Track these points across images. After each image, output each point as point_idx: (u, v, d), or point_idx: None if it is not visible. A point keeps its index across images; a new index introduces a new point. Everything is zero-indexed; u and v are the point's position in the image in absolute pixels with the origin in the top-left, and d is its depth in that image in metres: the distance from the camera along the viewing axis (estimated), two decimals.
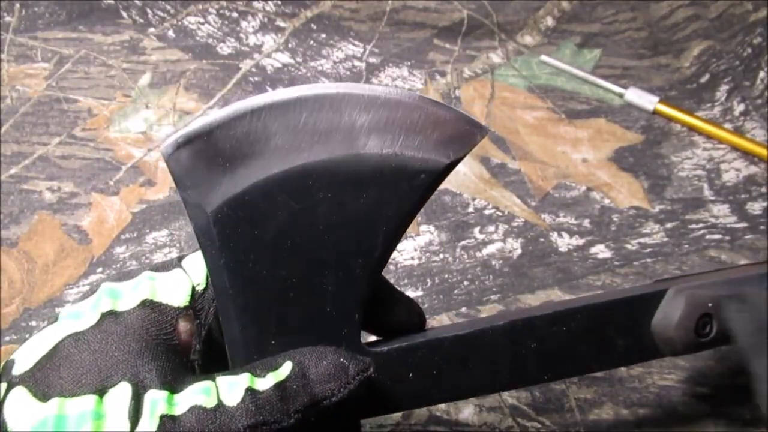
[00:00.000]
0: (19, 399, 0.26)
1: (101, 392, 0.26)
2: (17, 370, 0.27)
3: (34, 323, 0.50)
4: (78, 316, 0.28)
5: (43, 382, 0.26)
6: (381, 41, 0.69)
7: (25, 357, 0.28)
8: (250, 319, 0.30)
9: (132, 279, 0.30)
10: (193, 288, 0.30)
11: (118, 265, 0.53)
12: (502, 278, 0.54)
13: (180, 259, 0.31)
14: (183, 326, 0.29)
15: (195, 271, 0.30)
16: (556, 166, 0.61)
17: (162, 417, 0.26)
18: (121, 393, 0.26)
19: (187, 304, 0.30)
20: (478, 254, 0.55)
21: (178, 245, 0.55)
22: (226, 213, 0.29)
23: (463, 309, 0.52)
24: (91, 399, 0.26)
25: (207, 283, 0.30)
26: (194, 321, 0.30)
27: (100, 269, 0.53)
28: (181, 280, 0.30)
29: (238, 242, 0.29)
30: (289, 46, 0.69)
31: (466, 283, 0.53)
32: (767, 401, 0.32)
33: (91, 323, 0.28)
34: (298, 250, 0.29)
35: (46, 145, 0.60)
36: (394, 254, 0.54)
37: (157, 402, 0.26)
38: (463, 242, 0.56)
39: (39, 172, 0.59)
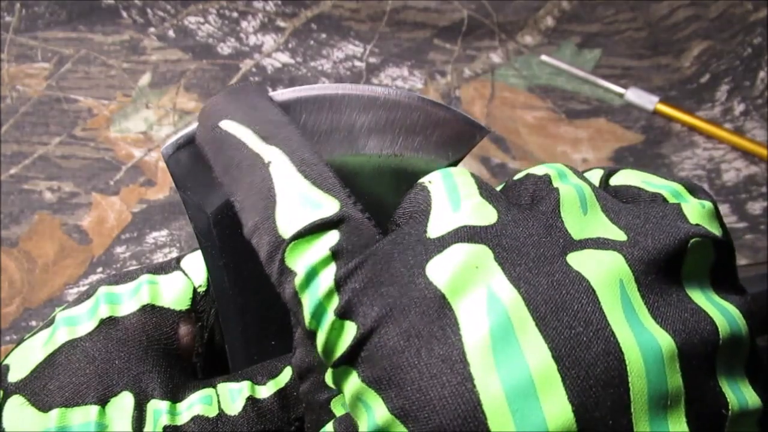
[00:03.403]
0: (18, 409, 0.25)
1: (103, 402, 0.25)
2: (13, 378, 0.26)
3: (34, 323, 0.50)
4: (75, 322, 0.28)
5: (42, 391, 0.26)
6: (381, 41, 0.69)
7: (21, 364, 0.27)
8: (251, 319, 0.29)
9: (131, 282, 0.29)
10: (194, 290, 0.29)
11: (118, 265, 0.53)
12: None
13: (179, 260, 0.31)
14: (184, 330, 0.29)
15: (195, 272, 0.30)
16: None
17: (165, 428, 0.25)
18: (123, 403, 0.26)
19: (188, 307, 0.29)
20: None
21: (178, 245, 0.55)
22: (227, 214, 0.29)
23: None
24: (93, 409, 0.25)
25: (208, 285, 0.30)
26: (195, 324, 0.29)
27: (100, 269, 0.53)
28: (181, 283, 0.29)
29: (238, 243, 0.29)
30: (289, 46, 0.69)
31: None
32: None
33: (89, 329, 0.27)
34: None
35: (46, 145, 0.60)
36: None
37: (160, 413, 0.26)
38: None
39: (39, 172, 0.59)
